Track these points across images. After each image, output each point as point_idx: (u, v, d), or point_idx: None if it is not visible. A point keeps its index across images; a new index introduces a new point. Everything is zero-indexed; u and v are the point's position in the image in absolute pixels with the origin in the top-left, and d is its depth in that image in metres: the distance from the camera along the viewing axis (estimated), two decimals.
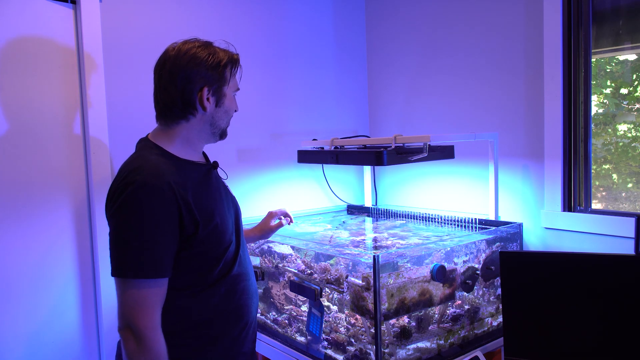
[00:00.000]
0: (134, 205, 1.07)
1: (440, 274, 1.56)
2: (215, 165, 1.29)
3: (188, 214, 1.12)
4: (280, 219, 1.62)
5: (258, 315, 1.94)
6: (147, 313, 1.07)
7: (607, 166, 1.83)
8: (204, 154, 1.33)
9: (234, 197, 1.37)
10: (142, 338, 1.06)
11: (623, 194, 1.80)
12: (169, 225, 1.09)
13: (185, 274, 1.16)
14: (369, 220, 2.30)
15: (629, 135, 1.79)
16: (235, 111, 1.28)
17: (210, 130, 1.24)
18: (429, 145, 1.71)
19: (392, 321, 1.53)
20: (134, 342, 1.06)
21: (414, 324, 1.58)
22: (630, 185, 1.79)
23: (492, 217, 1.89)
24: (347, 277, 1.58)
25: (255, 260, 1.93)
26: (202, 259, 1.18)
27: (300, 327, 1.77)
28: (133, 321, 1.06)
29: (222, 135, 1.28)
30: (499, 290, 1.76)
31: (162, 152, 1.19)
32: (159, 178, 1.09)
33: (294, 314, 1.80)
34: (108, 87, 1.78)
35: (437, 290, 1.59)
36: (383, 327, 1.48)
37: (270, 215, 1.62)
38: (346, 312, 1.62)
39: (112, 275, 1.08)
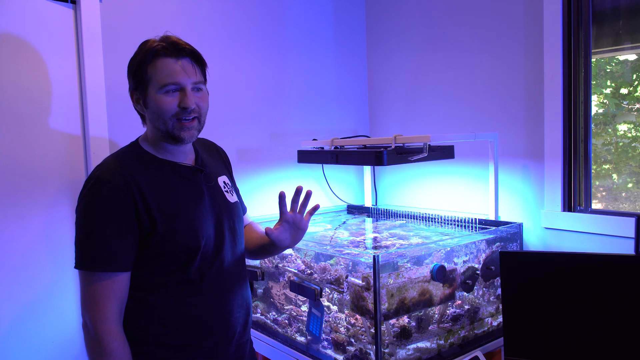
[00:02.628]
0: (88, 199, 1.10)
1: (440, 274, 1.56)
2: (200, 170, 1.24)
3: (145, 210, 1.11)
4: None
5: (258, 315, 1.94)
6: (98, 306, 1.08)
7: (607, 166, 1.83)
8: (200, 157, 1.28)
9: (232, 206, 1.29)
10: (94, 331, 1.07)
11: (623, 194, 1.80)
12: (123, 219, 1.09)
13: (150, 274, 1.15)
14: (369, 220, 2.30)
15: (629, 135, 1.79)
16: (184, 109, 1.13)
17: (158, 132, 1.17)
18: (429, 145, 1.71)
19: (392, 321, 1.53)
20: (87, 335, 1.09)
21: (414, 324, 1.58)
22: (630, 185, 1.79)
23: (492, 217, 1.89)
24: (347, 277, 1.58)
25: (255, 260, 1.93)
26: (164, 260, 1.15)
27: (300, 327, 1.77)
28: (85, 313, 1.09)
29: (172, 138, 1.16)
30: (499, 290, 1.76)
31: (138, 149, 1.20)
32: (114, 173, 1.10)
33: (294, 314, 1.80)
34: (108, 87, 1.78)
35: (437, 290, 1.59)
36: (383, 327, 1.48)
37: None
38: (346, 312, 1.62)
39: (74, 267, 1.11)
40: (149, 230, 1.12)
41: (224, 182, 1.32)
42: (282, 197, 1.26)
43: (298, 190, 1.27)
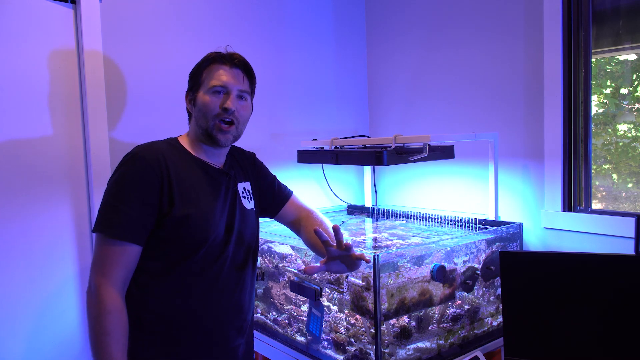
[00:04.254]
0: (120, 171, 1.19)
1: (440, 274, 1.56)
2: (225, 173, 1.32)
3: (168, 192, 1.18)
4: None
5: (258, 315, 1.94)
6: (104, 269, 1.13)
7: (607, 166, 1.83)
8: (228, 163, 1.35)
9: (246, 212, 1.34)
10: (96, 292, 1.12)
11: (623, 194, 1.80)
12: (146, 195, 1.16)
13: (156, 258, 1.20)
14: (369, 220, 2.30)
15: (629, 135, 1.79)
16: (225, 109, 1.23)
17: (199, 131, 1.27)
18: (429, 145, 1.71)
19: (392, 321, 1.53)
20: (89, 297, 1.13)
21: (414, 324, 1.58)
22: (630, 185, 1.79)
23: (492, 217, 1.89)
24: (347, 277, 1.58)
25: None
26: (172, 246, 1.20)
27: (300, 327, 1.77)
28: (92, 276, 1.14)
29: (210, 138, 1.25)
30: (499, 290, 1.76)
31: (176, 142, 1.29)
32: (150, 153, 1.20)
33: (294, 314, 1.80)
34: (108, 86, 1.78)
35: (437, 290, 1.59)
36: (383, 327, 1.48)
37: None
38: (346, 312, 1.62)
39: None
40: (166, 211, 1.18)
41: (244, 188, 1.38)
42: (318, 232, 1.16)
43: (336, 230, 1.17)
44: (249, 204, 1.37)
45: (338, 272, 1.26)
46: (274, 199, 1.48)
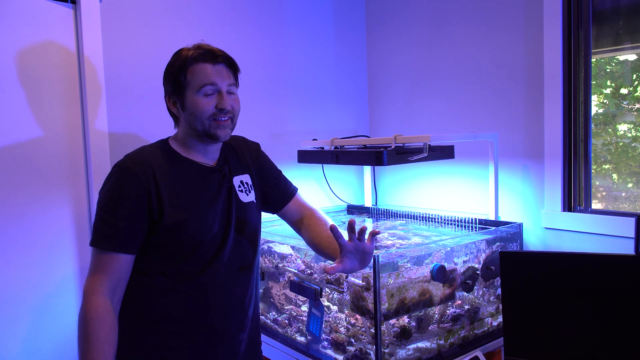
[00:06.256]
0: (108, 183, 1.20)
1: (440, 274, 1.56)
2: (218, 170, 1.29)
3: (156, 200, 1.18)
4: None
5: None
6: (94, 278, 1.16)
7: (607, 166, 1.83)
8: (222, 158, 1.32)
9: (244, 205, 1.32)
10: (83, 298, 1.16)
11: (623, 194, 1.80)
12: (133, 206, 1.17)
13: (153, 260, 1.22)
14: (369, 220, 2.30)
15: (629, 135, 1.79)
16: (221, 110, 1.21)
17: (193, 132, 1.25)
18: (429, 145, 1.71)
19: (392, 321, 1.53)
20: (81, 305, 1.17)
21: (414, 324, 1.58)
22: (630, 185, 1.79)
23: (492, 217, 1.89)
24: (347, 277, 1.58)
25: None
26: (168, 249, 1.21)
27: (300, 327, 1.77)
28: (85, 283, 1.17)
29: (209, 136, 1.23)
30: (499, 290, 1.77)
31: (165, 146, 1.28)
32: (136, 162, 1.20)
33: (294, 314, 1.80)
34: (108, 86, 1.78)
35: (437, 290, 1.59)
36: (383, 327, 1.48)
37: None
38: (346, 312, 1.62)
39: None
40: (157, 219, 1.18)
41: (241, 181, 1.35)
42: (334, 229, 1.17)
43: (351, 224, 1.19)
44: (247, 197, 1.34)
45: (352, 271, 1.24)
46: (279, 195, 1.45)
